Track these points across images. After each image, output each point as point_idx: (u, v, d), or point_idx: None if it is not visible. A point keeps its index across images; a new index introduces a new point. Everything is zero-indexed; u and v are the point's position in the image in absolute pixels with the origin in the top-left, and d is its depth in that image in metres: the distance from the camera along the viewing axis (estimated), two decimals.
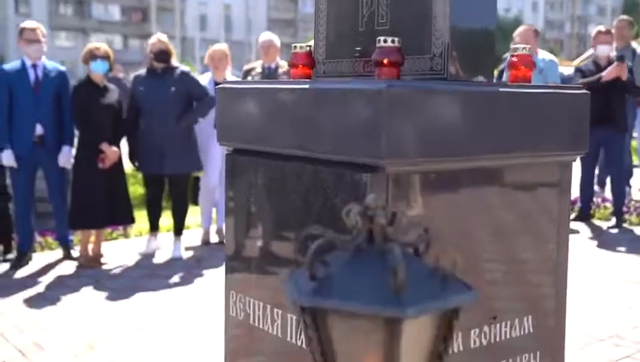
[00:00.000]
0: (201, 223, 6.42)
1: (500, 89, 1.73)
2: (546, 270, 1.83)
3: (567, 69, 8.85)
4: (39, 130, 5.21)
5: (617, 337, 3.71)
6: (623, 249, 5.74)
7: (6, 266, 5.32)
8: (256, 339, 1.79)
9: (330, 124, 1.57)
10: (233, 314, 1.86)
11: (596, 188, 7.36)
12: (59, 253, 5.64)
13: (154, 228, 5.87)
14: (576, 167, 6.05)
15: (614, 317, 4.05)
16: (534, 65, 1.84)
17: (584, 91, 1.81)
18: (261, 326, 1.76)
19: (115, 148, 5.31)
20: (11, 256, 5.45)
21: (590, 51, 7.93)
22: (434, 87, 1.52)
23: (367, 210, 1.04)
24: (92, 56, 5.28)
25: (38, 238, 5.83)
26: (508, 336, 1.72)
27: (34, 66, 5.27)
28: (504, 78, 5.71)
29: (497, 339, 1.71)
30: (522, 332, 1.75)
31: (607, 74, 6.11)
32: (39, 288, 4.81)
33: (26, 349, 3.64)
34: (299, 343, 1.63)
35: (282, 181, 1.76)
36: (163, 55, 5.68)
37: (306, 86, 1.64)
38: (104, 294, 4.68)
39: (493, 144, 1.62)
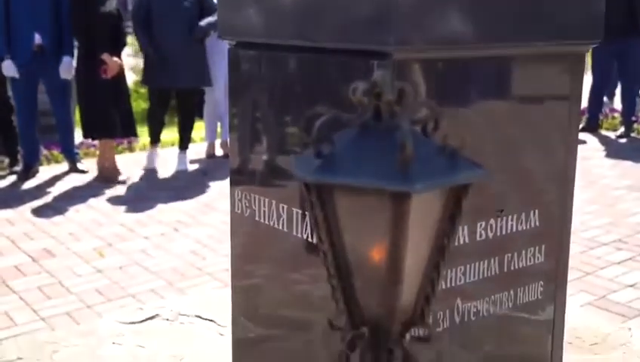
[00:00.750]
0: (206, 137, 6.41)
1: None
2: (553, 176, 1.81)
3: None
4: (37, 39, 5.11)
5: (620, 241, 3.74)
6: (630, 158, 5.72)
7: (13, 178, 5.35)
8: (261, 235, 1.79)
9: (334, 11, 1.51)
10: (238, 212, 1.86)
11: (604, 99, 7.27)
12: (65, 166, 5.66)
13: (155, 140, 5.82)
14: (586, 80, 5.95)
15: (618, 223, 4.08)
16: None
17: None
18: (266, 222, 1.76)
19: (116, 59, 5.22)
20: (18, 168, 5.47)
21: None
22: None
23: (375, 87, 1.00)
24: None
25: (44, 151, 5.84)
26: (514, 230, 1.72)
27: None
28: None
29: (503, 232, 1.71)
30: (528, 226, 1.75)
31: None
32: (47, 199, 4.86)
33: (36, 255, 3.70)
34: (304, 237, 1.64)
35: (285, 73, 1.72)
36: None
37: None
38: (112, 205, 4.72)
39: (504, 31, 1.56)
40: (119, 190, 5.12)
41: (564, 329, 1.95)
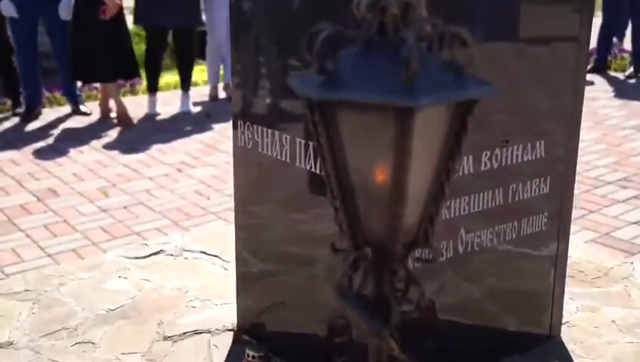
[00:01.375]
0: (209, 79, 6.34)
1: None
2: (559, 120, 1.78)
3: None
4: None
5: (625, 180, 3.73)
6: (638, 98, 5.65)
7: (16, 120, 5.32)
8: (265, 167, 1.79)
9: None
10: (241, 144, 1.85)
11: (614, 39, 7.13)
12: (68, 108, 5.63)
13: (152, 88, 5.76)
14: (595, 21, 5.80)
15: (624, 162, 4.05)
16: None
17: None
18: (270, 153, 1.74)
19: None
20: (20, 110, 5.44)
21: None
22: None
23: (379, 1, 0.96)
24: None
25: (47, 94, 5.79)
26: (519, 160, 1.71)
27: None
28: None
29: (508, 163, 1.69)
30: (534, 157, 1.73)
31: None
32: (50, 140, 4.84)
33: (41, 194, 3.72)
34: (308, 167, 1.63)
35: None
36: None
37: None
38: (115, 147, 4.71)
39: None
40: (122, 132, 5.10)
41: (566, 263, 1.96)
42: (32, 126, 5.21)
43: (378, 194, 1.02)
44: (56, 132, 5.06)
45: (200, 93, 6.22)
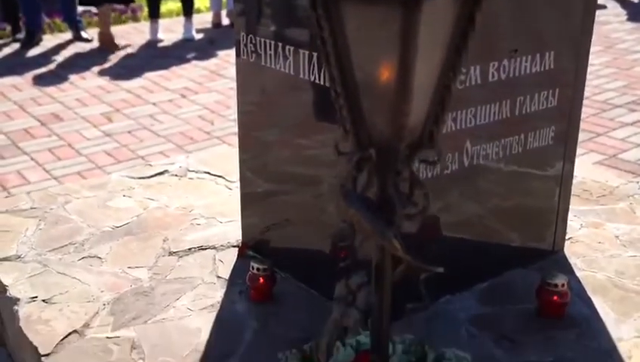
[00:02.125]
0: (211, 6, 6.21)
1: None
2: (569, 37, 1.73)
3: None
4: None
5: (634, 103, 3.68)
6: None
7: (16, 46, 5.25)
8: (268, 79, 1.75)
9: None
10: (244, 57, 1.81)
11: None
12: (69, 35, 5.54)
13: (153, 14, 5.63)
14: None
15: (634, 85, 3.99)
16: None
17: None
18: (273, 66, 1.71)
19: None
20: (20, 36, 5.36)
21: None
22: None
23: None
24: None
25: (47, 20, 5.69)
26: (528, 71, 1.67)
27: None
28: None
29: (516, 74, 1.66)
30: (543, 68, 1.69)
31: None
32: (52, 66, 4.79)
33: (44, 119, 3.70)
34: (311, 79, 1.60)
35: None
36: None
37: None
38: (117, 72, 4.66)
39: None
40: (125, 58, 5.03)
41: (572, 182, 1.95)
42: (33, 52, 5.14)
43: (383, 91, 0.99)
44: (57, 58, 5.00)
45: (203, 20, 6.11)
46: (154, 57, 5.06)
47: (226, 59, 4.88)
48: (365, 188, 1.08)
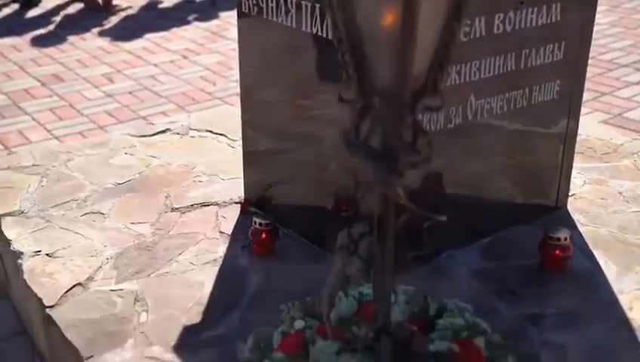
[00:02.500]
0: None
1: None
2: None
3: None
4: None
5: None
6: None
7: (15, 7, 5.20)
8: (269, 35, 1.73)
9: None
10: (245, 11, 1.78)
11: None
12: None
13: None
14: None
15: (639, 45, 3.94)
16: None
17: None
18: (275, 19, 1.68)
19: None
20: None
21: None
22: None
23: None
24: None
25: None
26: (534, 24, 1.64)
27: None
28: None
29: (522, 26, 1.63)
30: (549, 21, 1.67)
31: None
32: (51, 27, 4.74)
33: (45, 80, 3.68)
34: (314, 31, 1.57)
35: None
36: None
37: None
38: (118, 34, 4.61)
39: None
40: (125, 20, 4.98)
41: (576, 140, 1.93)
42: (32, 13, 5.09)
43: (386, 37, 0.98)
44: (57, 19, 4.95)
45: None
46: (155, 18, 5.01)
47: (228, 21, 4.82)
48: (368, 136, 1.07)
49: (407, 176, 1.04)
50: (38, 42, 4.39)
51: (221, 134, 2.44)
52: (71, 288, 1.57)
